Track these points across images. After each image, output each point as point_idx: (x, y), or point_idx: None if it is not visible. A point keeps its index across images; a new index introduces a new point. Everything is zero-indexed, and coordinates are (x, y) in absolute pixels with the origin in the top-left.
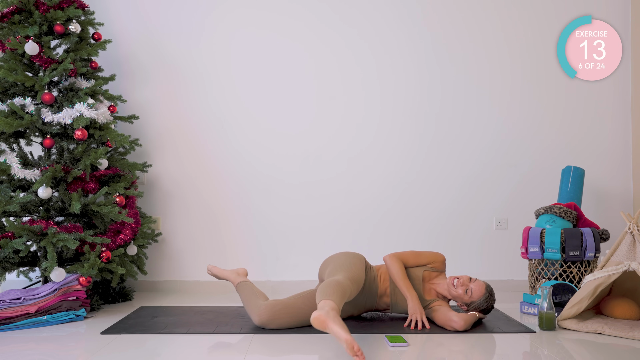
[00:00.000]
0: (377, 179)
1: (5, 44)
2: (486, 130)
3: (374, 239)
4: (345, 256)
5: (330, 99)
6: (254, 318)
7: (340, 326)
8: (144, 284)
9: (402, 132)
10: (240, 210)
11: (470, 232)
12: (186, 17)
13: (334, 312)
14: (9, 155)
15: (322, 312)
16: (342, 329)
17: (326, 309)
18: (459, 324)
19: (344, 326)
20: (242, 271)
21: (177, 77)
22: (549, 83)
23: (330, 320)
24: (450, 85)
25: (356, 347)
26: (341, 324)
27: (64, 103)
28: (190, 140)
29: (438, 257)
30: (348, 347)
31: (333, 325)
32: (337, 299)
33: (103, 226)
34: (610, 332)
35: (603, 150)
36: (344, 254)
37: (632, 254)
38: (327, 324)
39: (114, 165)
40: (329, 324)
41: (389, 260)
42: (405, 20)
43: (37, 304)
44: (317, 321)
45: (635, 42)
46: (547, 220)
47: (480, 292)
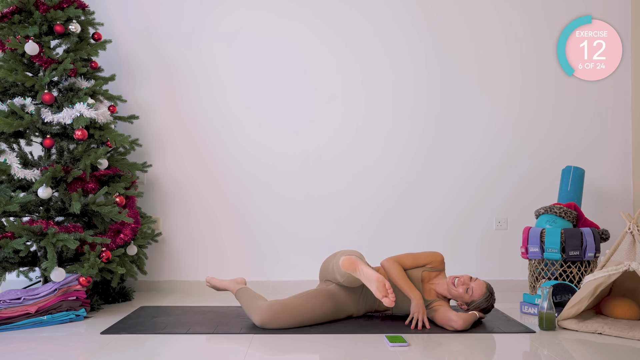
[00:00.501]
0: (377, 179)
1: (5, 44)
2: (486, 130)
3: (374, 239)
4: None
5: (330, 99)
6: (254, 318)
7: (369, 268)
8: (144, 284)
9: (402, 132)
10: (240, 210)
11: (470, 232)
12: (186, 17)
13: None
14: (9, 155)
15: (352, 256)
16: (372, 270)
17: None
18: (459, 323)
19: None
20: (240, 280)
21: (177, 77)
22: (549, 83)
23: (360, 263)
24: (450, 85)
25: (388, 285)
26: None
27: (64, 103)
28: (190, 140)
29: (436, 256)
30: (379, 286)
31: (363, 266)
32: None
33: (103, 226)
34: (610, 332)
35: (603, 150)
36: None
37: (632, 254)
38: (357, 266)
39: (114, 165)
40: (359, 265)
41: (387, 265)
42: (405, 20)
43: (37, 304)
44: (347, 261)
45: (635, 42)
46: (547, 220)
47: (480, 291)
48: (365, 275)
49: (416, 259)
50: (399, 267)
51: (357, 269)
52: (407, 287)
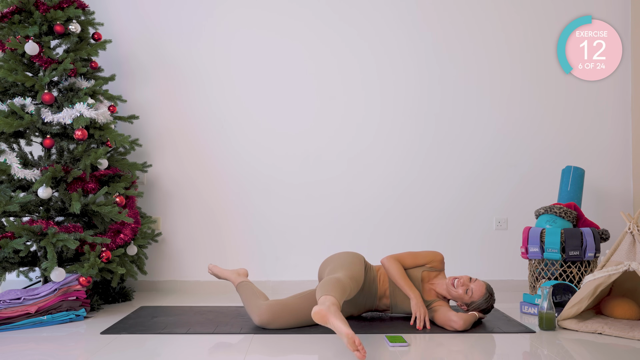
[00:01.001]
0: (377, 179)
1: (5, 44)
2: (486, 130)
3: (374, 239)
4: (345, 255)
5: (330, 99)
6: (254, 318)
7: (341, 321)
8: (144, 284)
9: (402, 132)
10: (240, 210)
11: (470, 232)
12: (186, 17)
13: (334, 307)
14: (9, 155)
15: (322, 306)
16: (343, 323)
17: (327, 304)
18: (459, 323)
19: (344, 321)
20: (242, 271)
21: (177, 77)
22: (549, 83)
23: (331, 314)
24: (450, 86)
25: (357, 341)
26: (342, 319)
27: (64, 103)
28: (190, 140)
29: (436, 256)
30: (349, 342)
31: (334, 319)
32: (337, 295)
33: (103, 226)
34: (610, 332)
35: (603, 150)
36: (344, 253)
37: (632, 254)
38: (328, 318)
39: (114, 165)
40: (329, 318)
41: (387, 263)
42: (405, 20)
43: (37, 304)
44: (318, 315)
45: (635, 42)
46: (547, 220)
47: (480, 292)
48: (336, 329)
49: (416, 258)
50: (399, 265)
51: (328, 321)
52: (407, 286)
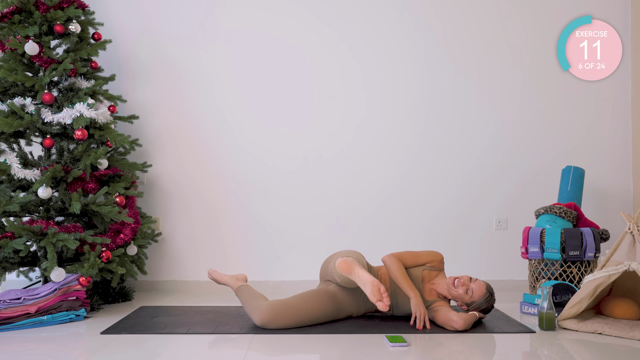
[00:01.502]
0: (377, 179)
1: (5, 44)
2: (486, 130)
3: (374, 239)
4: (347, 250)
5: (330, 99)
6: (254, 318)
7: (365, 271)
8: (144, 284)
9: (402, 132)
10: (240, 210)
11: (470, 232)
12: (186, 17)
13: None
14: (9, 155)
15: (348, 259)
16: (367, 273)
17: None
18: (459, 323)
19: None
20: (241, 276)
21: (177, 77)
22: (549, 83)
23: (356, 265)
24: (450, 85)
25: (382, 289)
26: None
27: (64, 103)
28: (190, 140)
29: (436, 256)
30: (374, 290)
31: (358, 269)
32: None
33: (103, 226)
34: (610, 332)
35: (603, 150)
36: (346, 250)
37: (632, 254)
38: (352, 268)
39: (114, 165)
40: (354, 268)
41: (388, 261)
42: (405, 20)
43: (37, 304)
44: (344, 264)
45: (635, 42)
46: (547, 220)
47: (480, 292)
48: (361, 279)
49: (417, 257)
50: (399, 264)
51: (353, 271)
52: (407, 285)
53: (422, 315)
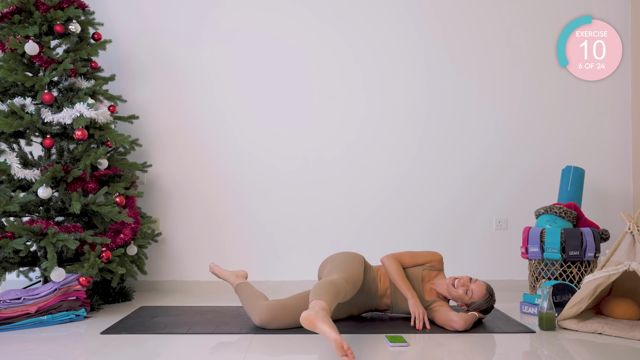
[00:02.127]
0: (377, 179)
1: (5, 44)
2: (486, 130)
3: (374, 239)
4: (343, 256)
5: (330, 99)
6: (254, 318)
7: (329, 326)
8: (144, 284)
9: (402, 132)
10: (240, 210)
11: (470, 232)
12: (186, 17)
13: (324, 312)
14: (9, 155)
15: (312, 312)
16: (331, 328)
17: (316, 308)
18: (459, 324)
19: (333, 326)
20: (241, 273)
21: (177, 77)
22: (549, 83)
23: (319, 320)
24: (451, 85)
25: (345, 346)
26: (330, 324)
27: (64, 103)
28: (190, 140)
29: (435, 256)
30: (337, 347)
31: (322, 325)
32: (329, 299)
33: (103, 226)
34: (610, 332)
35: (603, 150)
36: (343, 254)
37: (632, 254)
38: (315, 324)
39: (114, 165)
40: (317, 323)
41: (387, 261)
42: (405, 20)
43: (37, 304)
44: (306, 321)
45: (635, 42)
46: (547, 220)
47: (480, 292)
48: (325, 335)
49: (415, 257)
50: (398, 265)
51: (316, 327)
52: (405, 286)
53: (421, 316)
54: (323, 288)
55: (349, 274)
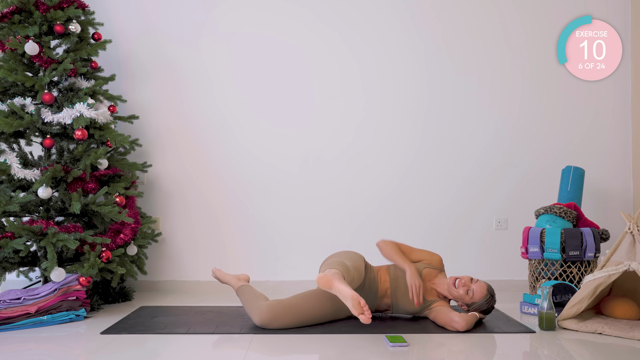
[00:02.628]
0: (377, 179)
1: (5, 44)
2: (486, 130)
3: (374, 239)
4: (345, 252)
5: (330, 99)
6: (254, 318)
7: (345, 285)
8: (144, 284)
9: (402, 132)
10: (241, 210)
11: (470, 232)
12: (186, 17)
13: (339, 274)
14: (9, 155)
15: (328, 272)
16: (347, 287)
17: (332, 271)
18: (461, 324)
19: (348, 285)
20: (243, 277)
21: (177, 77)
22: (549, 83)
23: (335, 279)
24: (450, 85)
25: (362, 303)
26: (346, 284)
27: (64, 103)
28: (190, 140)
29: (434, 256)
30: (354, 304)
31: (338, 283)
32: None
33: (103, 226)
34: (610, 332)
35: (603, 150)
36: (345, 251)
37: (632, 254)
38: (332, 283)
39: (114, 165)
40: (334, 282)
41: (382, 243)
42: (405, 20)
43: (37, 304)
44: (322, 280)
45: (635, 42)
46: (547, 220)
47: (481, 293)
48: (341, 293)
49: (414, 250)
50: (394, 244)
51: (333, 286)
52: (401, 259)
53: (417, 289)
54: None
55: (353, 262)
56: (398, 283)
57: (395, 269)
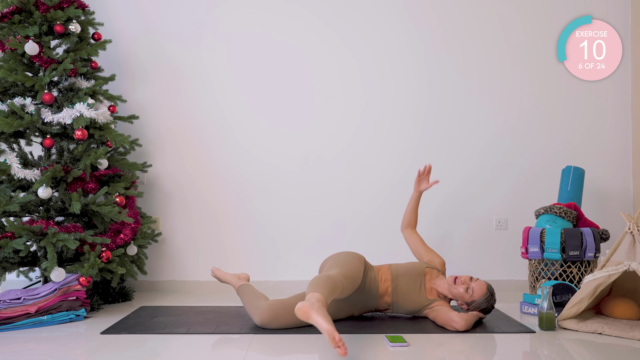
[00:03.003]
0: (376, 179)
1: (5, 44)
2: (486, 130)
3: (374, 239)
4: (343, 255)
5: (329, 99)
6: (254, 318)
7: (322, 317)
8: (144, 284)
9: (401, 132)
10: (241, 210)
11: (470, 232)
12: (186, 17)
13: (319, 303)
14: (9, 155)
15: (307, 303)
16: (324, 319)
17: (312, 300)
18: (460, 324)
19: (327, 317)
20: (244, 276)
21: (177, 77)
22: (549, 83)
23: (313, 310)
24: (450, 85)
25: (337, 338)
26: (324, 315)
27: (64, 103)
28: (190, 140)
29: (439, 259)
30: (329, 338)
31: (316, 315)
32: (325, 292)
33: (103, 226)
34: (610, 332)
35: (603, 150)
36: (343, 253)
37: (632, 254)
38: (310, 314)
39: (114, 165)
40: (312, 314)
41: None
42: (404, 20)
43: (37, 304)
44: (300, 312)
45: (635, 42)
46: (547, 220)
47: (481, 291)
48: (317, 325)
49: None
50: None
51: (310, 317)
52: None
53: (427, 166)
54: (320, 282)
55: (348, 270)
56: (399, 281)
57: (396, 267)
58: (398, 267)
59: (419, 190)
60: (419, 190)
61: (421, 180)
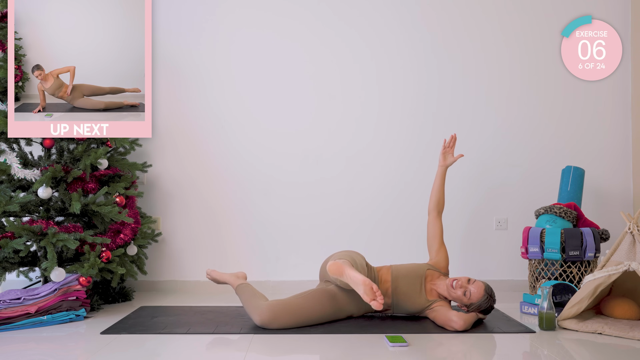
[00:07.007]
0: (376, 178)
1: (5, 44)
2: (485, 130)
3: (374, 238)
4: (346, 252)
5: (329, 99)
6: (254, 318)
7: (356, 271)
8: (144, 284)
9: (400, 131)
10: (241, 210)
11: (470, 232)
12: (186, 17)
13: (349, 262)
14: (9, 155)
15: (339, 261)
16: (358, 273)
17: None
18: (459, 324)
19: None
20: (241, 274)
21: (177, 77)
22: (549, 83)
23: (346, 267)
24: (449, 85)
25: (375, 288)
26: (357, 271)
27: None
28: (190, 140)
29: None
30: (366, 289)
31: (350, 270)
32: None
33: (103, 226)
34: (610, 332)
35: (603, 150)
36: (345, 251)
37: (632, 254)
38: (343, 270)
39: (114, 165)
40: (345, 269)
41: None
42: (404, 20)
43: (37, 304)
44: (334, 266)
45: (635, 42)
46: (547, 220)
47: (479, 293)
48: (352, 279)
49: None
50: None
51: (344, 273)
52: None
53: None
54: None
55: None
56: (399, 282)
57: (397, 268)
58: (399, 269)
59: (445, 165)
60: (444, 165)
61: (446, 154)
